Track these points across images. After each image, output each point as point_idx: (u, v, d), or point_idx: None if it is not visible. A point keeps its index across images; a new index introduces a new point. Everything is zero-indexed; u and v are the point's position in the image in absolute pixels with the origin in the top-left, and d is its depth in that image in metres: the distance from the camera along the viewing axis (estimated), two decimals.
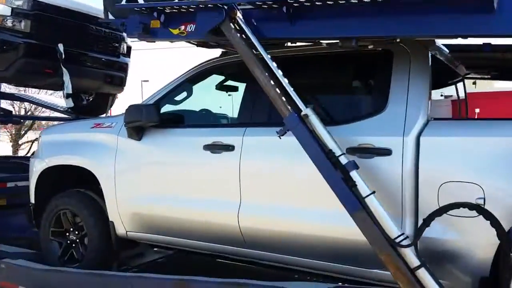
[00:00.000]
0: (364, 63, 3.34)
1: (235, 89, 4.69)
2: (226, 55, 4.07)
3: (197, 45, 4.04)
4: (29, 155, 8.22)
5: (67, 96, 5.65)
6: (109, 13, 4.26)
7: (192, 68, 4.08)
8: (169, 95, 4.10)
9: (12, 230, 5.70)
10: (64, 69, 5.50)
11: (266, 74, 3.08)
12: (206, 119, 4.40)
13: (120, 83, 6.44)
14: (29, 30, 5.28)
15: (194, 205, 3.73)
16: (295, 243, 3.31)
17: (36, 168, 4.58)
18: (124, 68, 6.43)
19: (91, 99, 6.87)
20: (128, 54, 6.57)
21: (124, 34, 6.30)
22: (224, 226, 3.60)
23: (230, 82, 4.49)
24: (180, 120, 4.05)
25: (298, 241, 3.29)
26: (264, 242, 3.45)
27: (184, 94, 4.19)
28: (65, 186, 4.54)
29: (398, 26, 2.73)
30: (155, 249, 4.76)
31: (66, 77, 5.54)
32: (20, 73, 5.30)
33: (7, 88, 8.32)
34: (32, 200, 4.60)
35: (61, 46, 5.46)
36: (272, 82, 3.05)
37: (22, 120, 6.64)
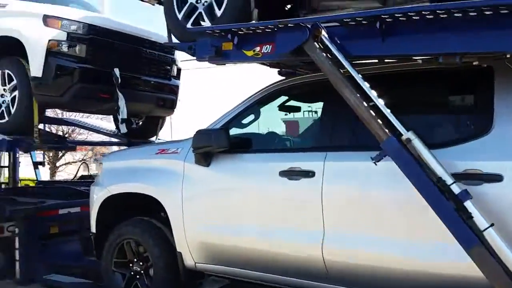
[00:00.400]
0: (461, 81, 3.08)
1: (297, 109, 4.49)
2: (291, 76, 3.88)
3: (270, 66, 3.87)
4: (76, 179, 8.20)
5: (122, 121, 5.55)
6: (173, 36, 4.16)
7: (261, 90, 3.89)
8: (236, 119, 3.91)
9: (65, 258, 5.59)
10: (119, 93, 5.40)
11: (358, 94, 2.86)
12: (277, 143, 4.19)
13: (171, 106, 6.32)
14: (84, 55, 5.20)
15: (270, 235, 3.50)
16: (389, 278, 3.04)
17: (98, 196, 4.43)
18: (175, 90, 6.31)
19: (140, 123, 6.77)
20: (178, 76, 6.46)
21: (175, 56, 6.24)
22: (305, 259, 3.35)
23: (292, 103, 4.29)
24: (249, 145, 3.85)
25: (392, 276, 3.02)
26: (352, 277, 3.19)
27: (252, 116, 4.00)
28: (128, 215, 4.38)
29: None
30: (213, 277, 4.56)
31: (122, 102, 5.44)
32: (76, 99, 5.21)
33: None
34: (93, 229, 4.45)
35: (117, 71, 5.37)
36: (365, 103, 2.83)
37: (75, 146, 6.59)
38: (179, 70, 6.46)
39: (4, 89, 5.41)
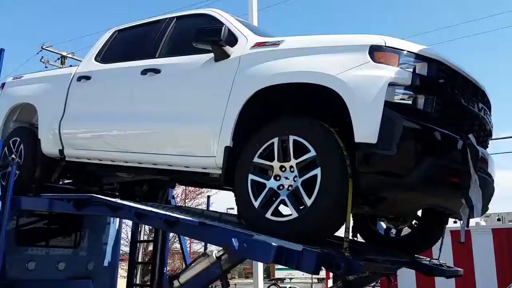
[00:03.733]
0: None
1: None
2: None
3: None
4: None
5: (467, 223, 3.29)
6: None
7: None
8: None
9: None
10: (476, 176, 3.20)
11: None
12: None
13: (491, 196, 3.99)
14: (431, 111, 3.13)
15: None
16: None
17: None
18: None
19: (413, 227, 4.50)
20: None
21: None
22: None
23: None
24: None
25: None
26: None
27: None
28: None
29: None
30: None
31: (477, 191, 3.22)
32: (424, 183, 3.00)
33: None
34: None
35: (472, 138, 3.25)
36: None
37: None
38: None
39: (282, 168, 3.29)
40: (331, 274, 23.66)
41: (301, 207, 3.17)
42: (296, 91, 3.37)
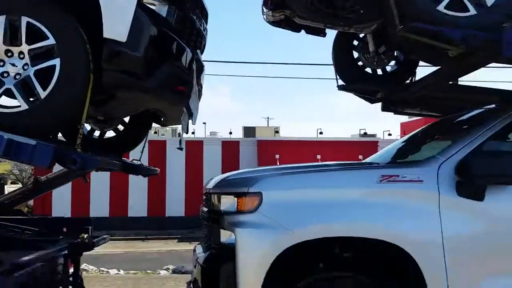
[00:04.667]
0: None
1: None
2: None
3: None
4: None
5: (186, 130, 3.70)
6: None
7: None
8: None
9: None
10: (197, 87, 3.63)
11: None
12: None
13: None
14: (172, 21, 3.31)
15: None
16: None
17: (269, 244, 2.85)
18: None
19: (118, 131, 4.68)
20: None
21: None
22: None
23: None
24: None
25: None
26: None
27: None
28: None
29: None
30: None
31: (196, 100, 3.66)
32: (160, 87, 3.21)
33: None
34: None
35: (199, 53, 3.62)
36: None
37: None
38: None
39: (8, 52, 2.86)
40: None
41: (31, 99, 2.91)
42: None
